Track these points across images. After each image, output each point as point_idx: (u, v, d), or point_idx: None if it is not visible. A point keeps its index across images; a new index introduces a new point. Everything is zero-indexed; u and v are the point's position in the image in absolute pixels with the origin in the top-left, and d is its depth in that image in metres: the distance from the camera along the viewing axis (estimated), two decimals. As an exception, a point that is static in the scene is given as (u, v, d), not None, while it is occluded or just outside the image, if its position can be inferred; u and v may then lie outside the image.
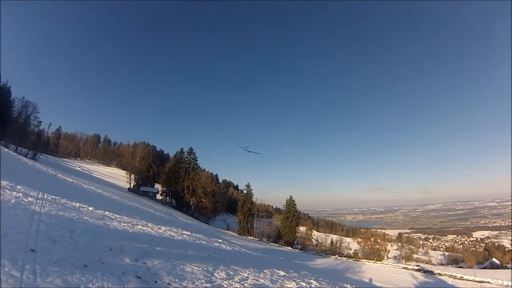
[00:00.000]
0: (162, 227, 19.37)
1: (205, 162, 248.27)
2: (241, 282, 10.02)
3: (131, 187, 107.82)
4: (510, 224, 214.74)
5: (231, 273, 10.78)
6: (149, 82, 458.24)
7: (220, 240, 25.45)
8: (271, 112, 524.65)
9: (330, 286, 14.77)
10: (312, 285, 13.65)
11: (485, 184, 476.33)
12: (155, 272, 8.13)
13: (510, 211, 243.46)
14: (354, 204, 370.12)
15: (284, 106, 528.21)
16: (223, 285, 8.98)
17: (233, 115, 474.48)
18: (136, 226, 15.82)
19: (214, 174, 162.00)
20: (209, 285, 8.58)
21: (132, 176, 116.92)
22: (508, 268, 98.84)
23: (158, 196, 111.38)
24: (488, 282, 53.02)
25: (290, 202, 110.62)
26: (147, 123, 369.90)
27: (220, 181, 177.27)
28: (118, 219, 16.72)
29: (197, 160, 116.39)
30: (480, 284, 51.88)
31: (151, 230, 16.13)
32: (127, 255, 8.78)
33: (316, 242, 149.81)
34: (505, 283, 51.45)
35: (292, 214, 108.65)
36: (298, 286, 12.45)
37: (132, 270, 7.71)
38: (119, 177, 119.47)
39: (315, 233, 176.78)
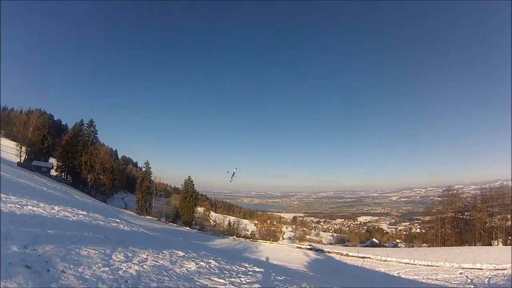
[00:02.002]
0: (56, 207, 17.98)
1: (105, 136, 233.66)
2: (140, 264, 9.85)
3: (22, 161, 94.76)
4: (389, 211, 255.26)
5: (129, 254, 10.53)
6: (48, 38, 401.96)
7: (118, 220, 24.53)
8: (171, 88, 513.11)
9: (229, 265, 15.16)
10: (211, 265, 13.90)
11: (370, 177, 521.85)
12: (47, 259, 7.38)
13: (389, 201, 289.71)
14: (252, 188, 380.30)
15: (185, 83, 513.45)
16: (122, 268, 8.76)
17: (135, 90, 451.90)
18: (25, 207, 14.46)
19: (113, 149, 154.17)
20: (107, 268, 8.24)
21: (23, 149, 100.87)
22: (385, 246, 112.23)
23: (53, 172, 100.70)
24: (369, 258, 59.70)
25: (189, 182, 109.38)
26: (44, 88, 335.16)
27: (120, 157, 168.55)
28: (3, 199, 15.17)
29: (97, 134, 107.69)
30: (362, 259, 58.06)
31: (43, 211, 14.91)
32: (14, 241, 7.93)
33: (214, 223, 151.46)
34: (383, 258, 59.16)
35: (190, 194, 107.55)
36: (198, 266, 12.58)
37: (20, 259, 6.82)
38: (8, 149, 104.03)
39: (213, 214, 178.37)
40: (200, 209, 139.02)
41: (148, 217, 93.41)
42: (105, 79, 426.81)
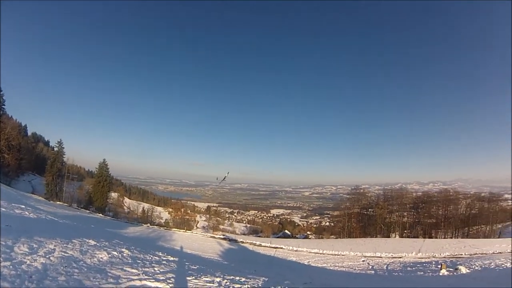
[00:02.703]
0: None
1: (14, 108, 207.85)
2: (47, 256, 8.91)
3: None
4: (301, 205, 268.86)
5: (35, 246, 9.62)
6: None
7: (23, 206, 22.56)
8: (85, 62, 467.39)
9: (142, 254, 14.73)
10: (124, 254, 13.37)
11: (284, 173, 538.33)
12: None
13: (302, 196, 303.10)
14: (167, 175, 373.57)
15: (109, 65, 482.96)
16: (26, 261, 7.97)
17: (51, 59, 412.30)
18: None
19: (23, 124, 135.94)
20: (8, 263, 7.30)
21: None
22: (297, 238, 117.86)
23: None
24: (282, 248, 62.06)
25: (103, 166, 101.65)
26: None
27: (29, 134, 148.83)
28: None
29: (4, 105, 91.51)
30: (275, 249, 60.08)
31: None
32: None
33: (128, 210, 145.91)
34: (295, 248, 62.05)
35: (104, 178, 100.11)
36: (110, 255, 12.01)
37: None
38: None
39: (127, 200, 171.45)
40: (114, 195, 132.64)
41: (58, 202, 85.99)
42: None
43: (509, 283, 23.02)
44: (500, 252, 52.47)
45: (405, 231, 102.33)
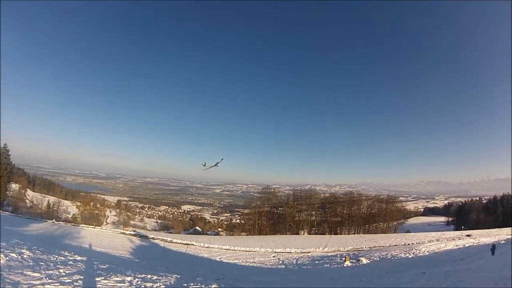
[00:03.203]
0: None
1: None
2: None
3: None
4: (212, 202, 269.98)
5: None
6: None
7: None
8: None
9: (46, 255, 13.72)
10: (25, 255, 12.34)
11: (196, 168, 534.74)
12: None
13: (213, 192, 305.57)
14: (76, 165, 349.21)
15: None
16: None
17: None
18: None
19: None
20: None
21: None
22: (208, 234, 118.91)
23: None
24: (193, 244, 62.06)
25: (3, 152, 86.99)
26: None
27: None
28: None
29: None
30: (186, 246, 59.59)
31: None
32: None
33: (31, 204, 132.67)
34: (206, 244, 62.66)
35: (4, 167, 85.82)
36: (7, 258, 10.98)
37: None
38: None
39: (30, 192, 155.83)
40: (14, 186, 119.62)
41: None
42: None
43: (403, 270, 25.54)
44: (395, 245, 58.70)
45: (313, 228, 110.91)
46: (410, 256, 41.38)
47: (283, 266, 39.30)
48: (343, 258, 40.42)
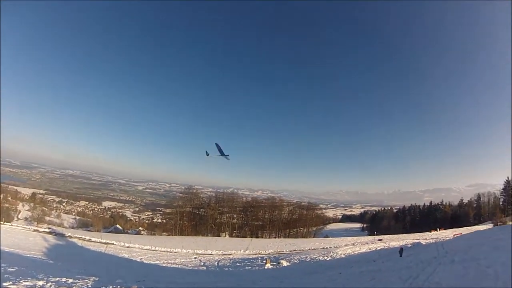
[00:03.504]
0: None
1: None
2: None
3: None
4: (134, 199, 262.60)
5: None
6: None
7: None
8: None
9: None
10: None
11: (120, 163, 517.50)
12: None
13: (135, 189, 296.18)
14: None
15: None
16: None
17: None
18: None
19: None
20: None
21: None
22: (129, 233, 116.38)
23: None
24: (113, 244, 60.03)
25: None
26: None
27: None
28: None
29: None
30: (106, 245, 57.17)
31: None
32: None
33: None
34: (126, 244, 60.94)
35: None
36: None
37: None
38: None
39: None
40: None
41: None
42: None
43: (322, 271, 26.84)
44: (315, 249, 61.66)
45: (235, 231, 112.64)
46: (328, 259, 43.81)
47: (205, 268, 39.40)
48: (264, 261, 41.55)
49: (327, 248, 62.19)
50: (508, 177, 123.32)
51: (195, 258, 50.52)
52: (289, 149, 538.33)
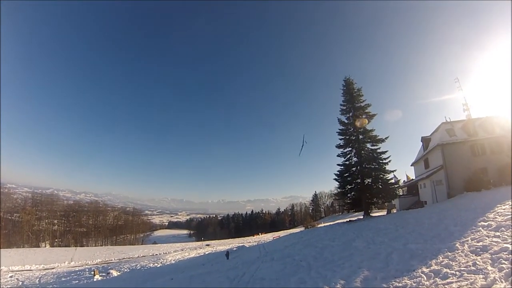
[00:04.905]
0: None
1: None
2: None
3: None
4: None
5: None
6: None
7: None
8: None
9: None
10: None
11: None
12: None
13: None
14: None
15: None
16: None
17: None
18: None
19: None
20: None
21: None
22: None
23: None
24: None
25: None
26: None
27: None
28: None
29: None
30: None
31: None
32: None
33: None
34: None
35: None
36: None
37: None
38: None
39: None
40: None
41: None
42: None
43: (153, 278, 27.17)
44: (144, 256, 60.92)
45: (56, 239, 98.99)
46: (158, 265, 44.01)
47: (24, 288, 34.89)
48: (92, 272, 39.41)
49: (156, 254, 62.36)
50: (315, 191, 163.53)
51: (10, 276, 42.64)
52: (112, 153, 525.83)
